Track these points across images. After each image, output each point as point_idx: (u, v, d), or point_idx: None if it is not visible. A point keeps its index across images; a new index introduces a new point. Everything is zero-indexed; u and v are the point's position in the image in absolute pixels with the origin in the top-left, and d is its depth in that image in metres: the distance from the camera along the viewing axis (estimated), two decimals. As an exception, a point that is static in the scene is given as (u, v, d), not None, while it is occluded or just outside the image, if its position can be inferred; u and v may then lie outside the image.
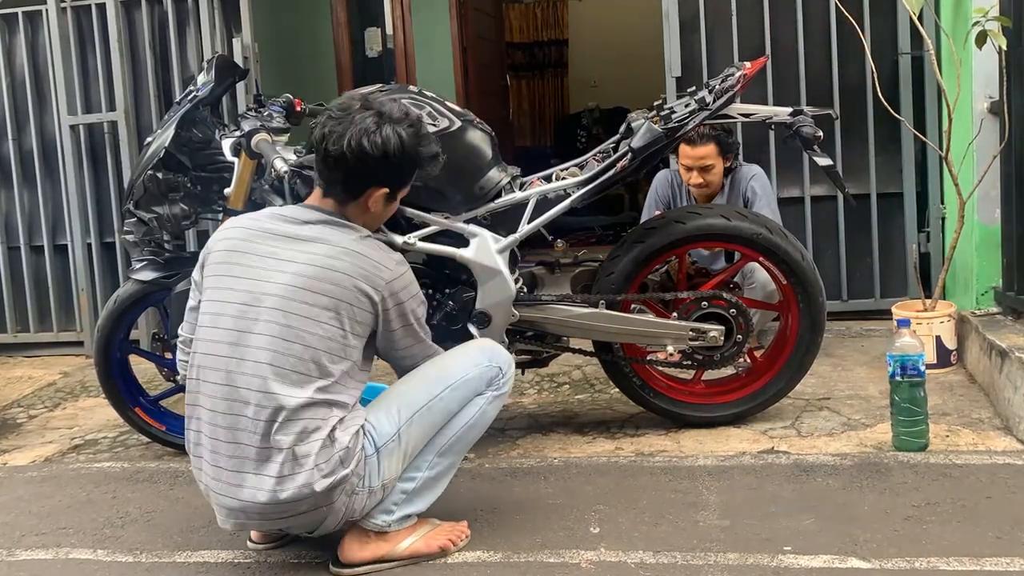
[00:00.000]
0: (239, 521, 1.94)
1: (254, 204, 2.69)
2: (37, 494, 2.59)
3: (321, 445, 1.85)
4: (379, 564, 2.02)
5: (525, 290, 2.65)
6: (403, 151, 1.93)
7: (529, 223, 2.57)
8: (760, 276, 3.05)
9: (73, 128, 4.04)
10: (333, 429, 1.88)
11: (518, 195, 2.58)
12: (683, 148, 3.27)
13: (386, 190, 1.98)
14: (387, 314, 1.95)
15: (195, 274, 2.03)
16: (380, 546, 2.01)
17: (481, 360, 2.05)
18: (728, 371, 2.78)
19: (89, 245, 4.10)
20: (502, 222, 2.58)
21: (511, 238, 2.57)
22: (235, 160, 2.59)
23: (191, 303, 2.04)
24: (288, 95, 2.70)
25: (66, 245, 4.15)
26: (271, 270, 1.91)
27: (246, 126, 2.54)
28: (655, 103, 2.65)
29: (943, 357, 3.10)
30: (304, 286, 1.88)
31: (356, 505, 1.94)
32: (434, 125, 2.48)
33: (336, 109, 1.95)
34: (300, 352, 1.86)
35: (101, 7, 4.00)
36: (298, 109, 2.70)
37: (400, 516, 2.01)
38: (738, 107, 2.61)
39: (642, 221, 3.16)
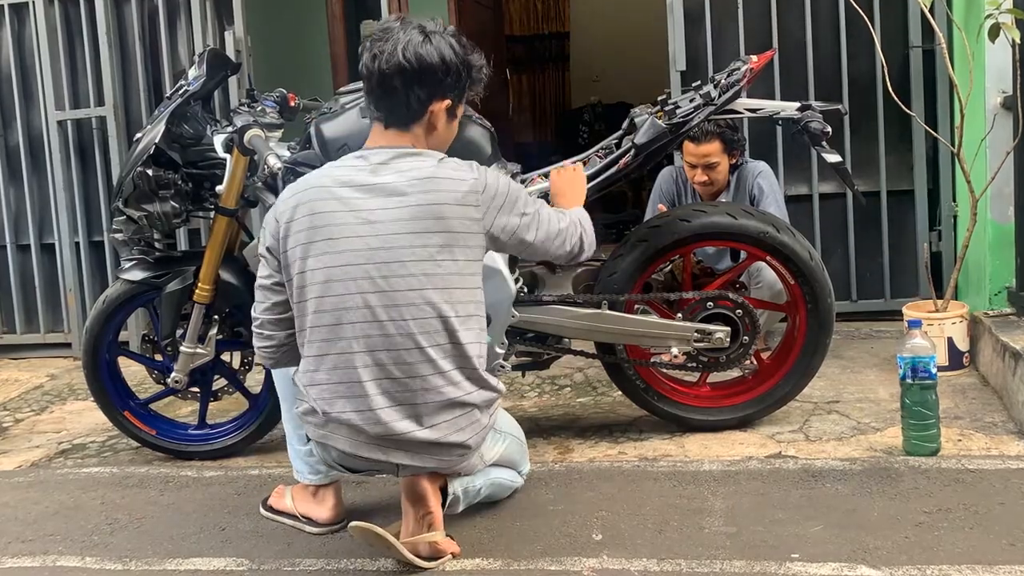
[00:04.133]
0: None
1: (247, 201, 2.65)
2: (23, 500, 2.55)
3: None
4: (429, 531, 2.01)
5: (525, 290, 2.62)
6: (456, 56, 1.92)
7: (530, 221, 2.53)
8: (767, 276, 3.02)
9: (61, 123, 4.00)
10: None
11: (518, 192, 2.54)
12: (687, 145, 3.24)
13: (448, 102, 1.95)
14: (496, 221, 1.94)
15: (265, 249, 1.98)
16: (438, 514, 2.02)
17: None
18: (734, 373, 2.75)
19: (77, 244, 4.07)
20: (502, 220, 2.54)
21: (511, 237, 2.53)
22: (227, 156, 2.55)
23: (264, 281, 2.00)
24: (282, 90, 2.67)
25: (53, 244, 4.11)
26: (368, 223, 1.87)
27: (238, 122, 2.50)
28: (659, 98, 2.63)
29: (955, 359, 3.07)
30: (411, 230, 1.86)
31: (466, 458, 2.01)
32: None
33: (377, 32, 1.92)
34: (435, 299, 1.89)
35: (90, -1, 3.96)
36: (292, 104, 2.67)
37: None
38: (744, 102, 2.59)
39: (646, 219, 3.15)
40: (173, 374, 2.69)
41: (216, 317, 2.67)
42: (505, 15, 7.77)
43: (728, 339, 2.58)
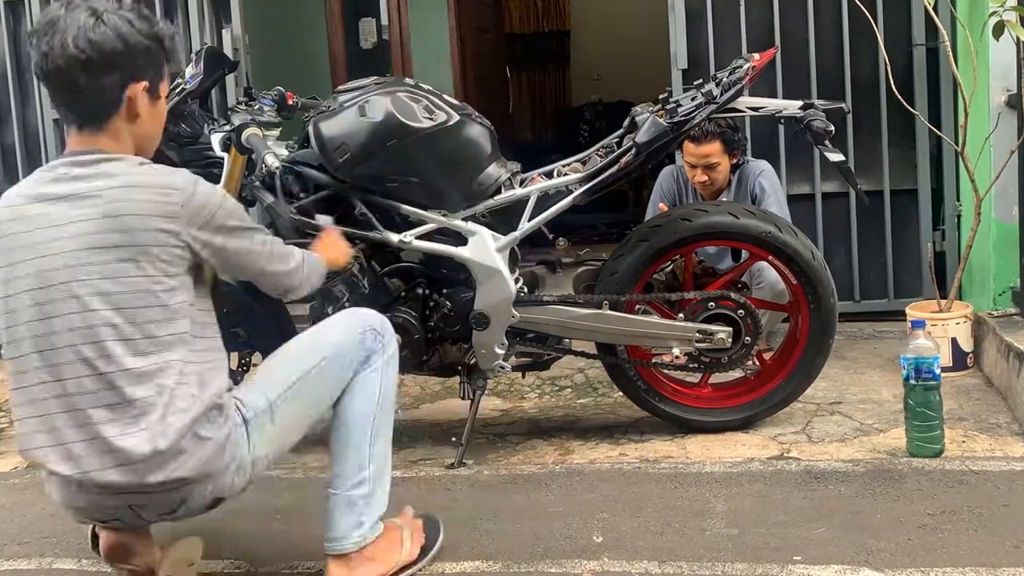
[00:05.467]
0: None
1: (245, 201, 2.62)
2: (19, 502, 2.53)
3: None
4: None
5: (526, 290, 2.61)
6: (139, 32, 1.68)
7: (530, 221, 2.53)
8: (769, 276, 3.00)
9: (57, 122, 3.98)
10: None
11: (518, 192, 2.54)
12: (687, 145, 3.22)
13: (145, 83, 1.71)
14: (198, 239, 1.69)
15: None
16: (372, 566, 1.91)
17: (353, 324, 1.89)
18: (736, 374, 2.73)
19: (75, 243, 4.04)
20: (502, 220, 2.54)
21: (511, 236, 2.52)
22: (225, 155, 2.54)
23: None
24: (280, 88, 2.65)
25: (51, 243, 4.09)
26: (51, 240, 1.65)
27: (236, 120, 2.48)
28: (660, 96, 2.61)
29: (959, 359, 3.05)
30: (92, 245, 1.64)
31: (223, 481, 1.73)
32: (431, 119, 2.44)
33: (41, 26, 1.67)
34: (123, 318, 1.64)
35: (88, -3, 3.94)
36: (290, 102, 2.65)
37: (371, 523, 1.88)
38: (746, 100, 2.56)
39: (647, 218, 3.13)
40: (170, 375, 2.66)
41: (213, 317, 2.65)
42: (505, 13, 7.77)
43: (730, 340, 2.56)
